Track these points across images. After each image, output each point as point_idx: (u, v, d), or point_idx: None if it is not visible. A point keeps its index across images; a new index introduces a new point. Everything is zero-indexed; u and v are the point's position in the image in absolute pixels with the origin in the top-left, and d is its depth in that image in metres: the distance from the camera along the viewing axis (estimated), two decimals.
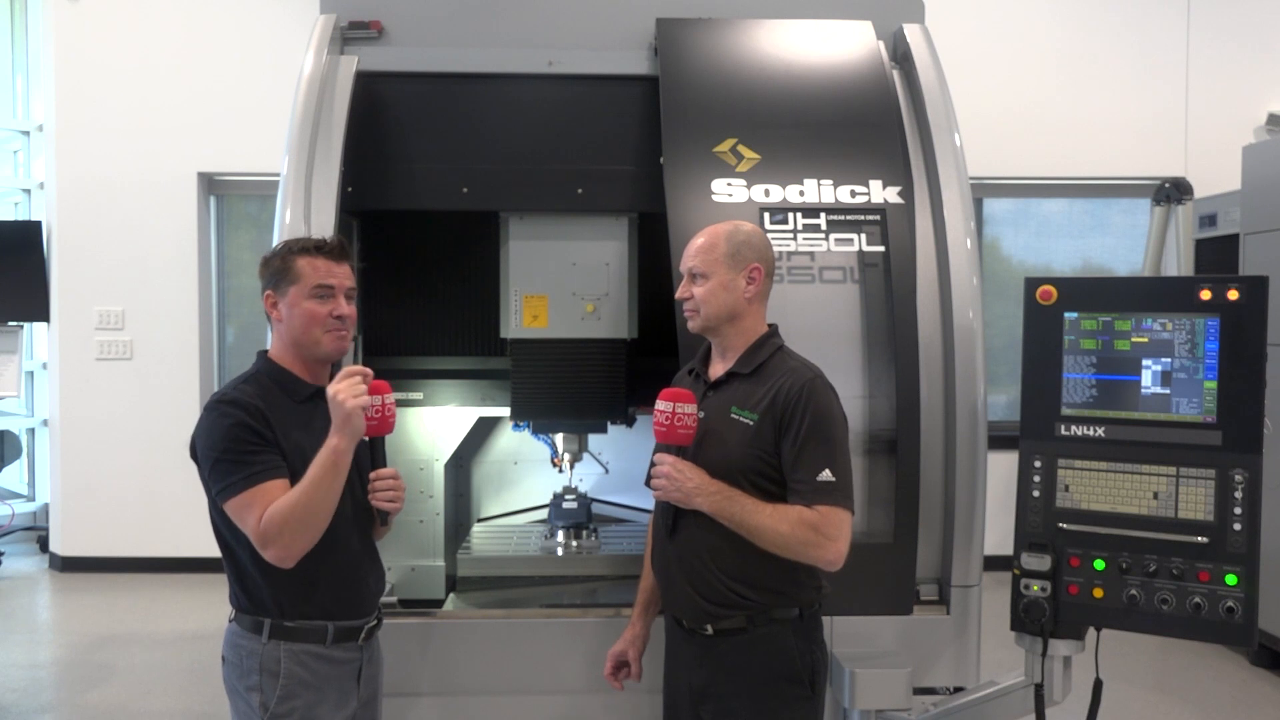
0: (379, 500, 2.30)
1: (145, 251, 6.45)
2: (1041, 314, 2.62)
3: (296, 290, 2.24)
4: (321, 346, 2.27)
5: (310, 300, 2.24)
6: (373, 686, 2.37)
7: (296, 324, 2.25)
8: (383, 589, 2.43)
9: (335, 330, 2.27)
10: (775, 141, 3.00)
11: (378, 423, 2.24)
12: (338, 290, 2.27)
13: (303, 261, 2.26)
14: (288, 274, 2.25)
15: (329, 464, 2.10)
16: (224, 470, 2.11)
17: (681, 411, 2.26)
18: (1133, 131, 6.54)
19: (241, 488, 2.10)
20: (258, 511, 2.08)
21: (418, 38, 3.27)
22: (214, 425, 2.15)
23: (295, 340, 2.27)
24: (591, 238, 3.19)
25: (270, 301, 2.28)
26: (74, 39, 6.45)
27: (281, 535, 2.07)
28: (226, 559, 2.24)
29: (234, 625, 2.25)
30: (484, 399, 3.35)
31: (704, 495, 2.23)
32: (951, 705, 2.80)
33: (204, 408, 2.20)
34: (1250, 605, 2.35)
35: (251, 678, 2.18)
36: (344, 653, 2.26)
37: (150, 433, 6.44)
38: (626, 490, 3.83)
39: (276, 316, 2.28)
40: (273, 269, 2.28)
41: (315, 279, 2.25)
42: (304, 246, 2.29)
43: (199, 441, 2.18)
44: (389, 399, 2.27)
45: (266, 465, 2.13)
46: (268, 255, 2.32)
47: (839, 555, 2.21)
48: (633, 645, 2.54)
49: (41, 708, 4.40)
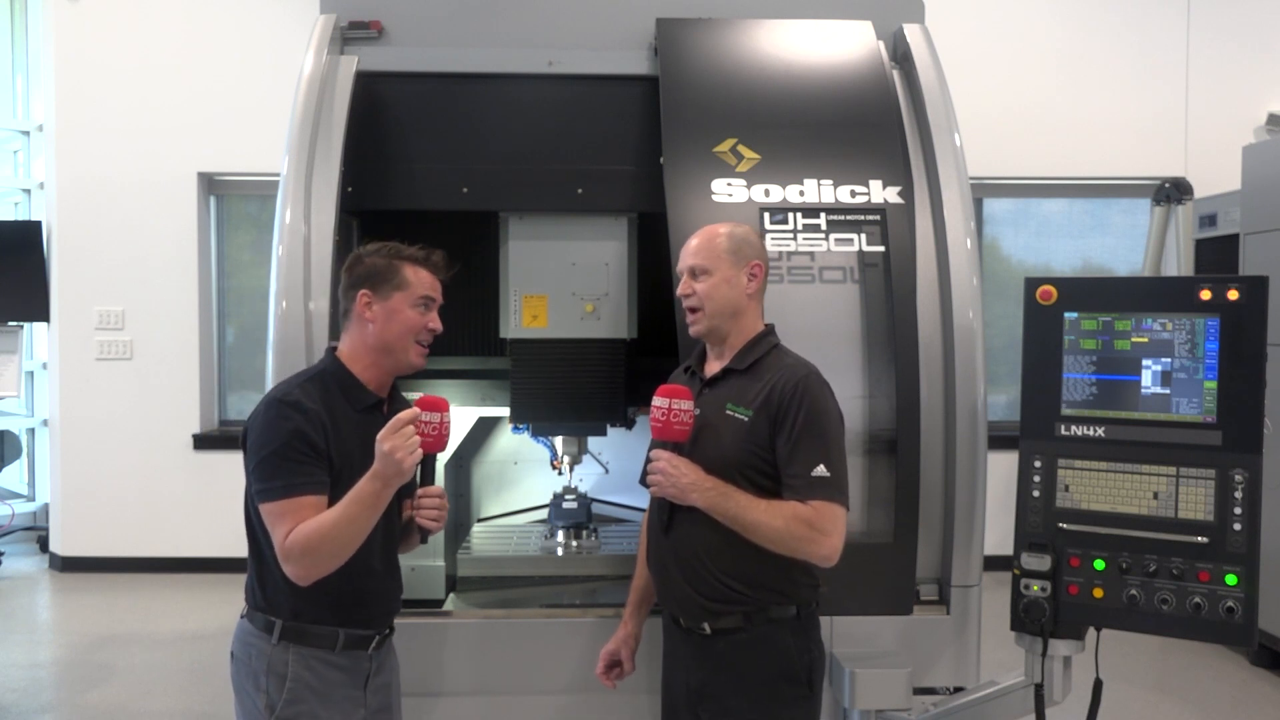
0: (423, 518, 2.25)
1: (145, 251, 6.46)
2: (1041, 314, 2.62)
3: (401, 296, 2.23)
4: (409, 357, 2.27)
5: (413, 309, 2.24)
6: (384, 695, 2.34)
7: (393, 329, 2.23)
8: (400, 604, 2.39)
9: (425, 343, 2.29)
10: (775, 141, 3.00)
11: (433, 440, 2.17)
12: (436, 304, 2.29)
13: (411, 269, 2.26)
14: (393, 278, 2.24)
15: (367, 505, 2.06)
16: (268, 472, 2.09)
17: (678, 408, 2.27)
18: (1133, 131, 6.54)
19: (280, 495, 2.08)
20: (288, 525, 2.06)
21: (418, 38, 3.27)
22: (272, 424, 2.11)
23: (384, 344, 2.24)
24: (591, 238, 3.19)
25: (365, 301, 2.23)
26: (74, 39, 6.45)
27: (305, 557, 2.06)
28: (252, 553, 2.22)
29: (245, 622, 2.23)
30: (484, 399, 3.35)
31: (699, 491, 2.24)
32: (951, 705, 2.80)
33: (264, 401, 2.17)
34: (1250, 605, 2.35)
35: (259, 678, 2.17)
36: (352, 660, 2.24)
37: (150, 433, 6.45)
38: (626, 490, 3.83)
39: (369, 317, 2.24)
40: (374, 269, 2.25)
41: (422, 289, 2.26)
42: (412, 255, 2.28)
43: (252, 434, 2.15)
44: (446, 417, 2.20)
45: (309, 479, 2.10)
46: (365, 253, 2.29)
47: (834, 550, 2.21)
48: (625, 644, 2.54)
49: (41, 708, 4.40)
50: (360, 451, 2.13)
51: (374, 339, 2.25)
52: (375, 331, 2.24)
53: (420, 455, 2.08)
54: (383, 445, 2.03)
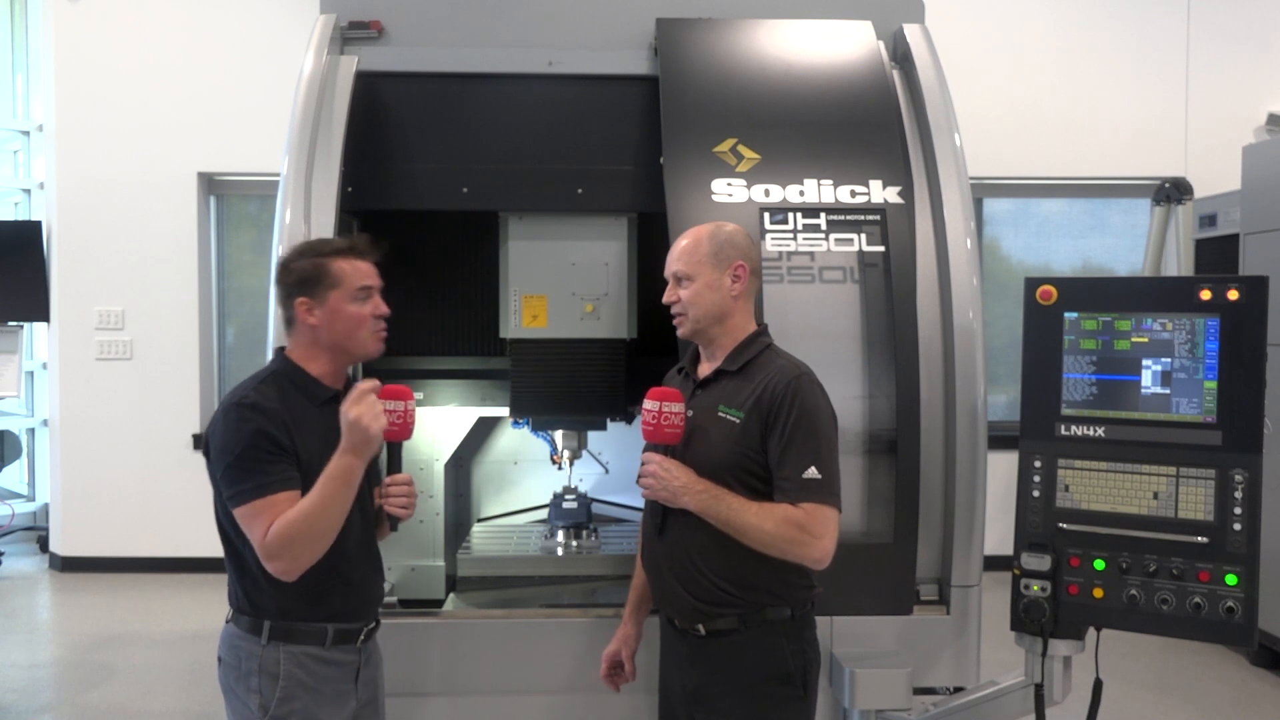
0: (392, 505, 2.28)
1: (145, 251, 6.46)
2: (1041, 314, 2.62)
3: (338, 294, 2.20)
4: (367, 348, 2.26)
5: (354, 303, 2.22)
6: (372, 689, 2.36)
7: (340, 328, 2.21)
8: (383, 593, 2.42)
9: (379, 330, 2.27)
10: (775, 141, 3.00)
11: (398, 429, 2.21)
12: (375, 290, 2.27)
13: (340, 264, 2.22)
14: (325, 278, 2.20)
15: (341, 481, 2.07)
16: (237, 476, 2.08)
17: (669, 410, 2.26)
18: (1133, 131, 6.54)
19: (253, 496, 2.07)
20: (265, 523, 2.06)
21: (418, 38, 3.27)
22: (233, 428, 2.10)
23: (336, 344, 2.23)
24: (591, 238, 3.18)
25: (305, 308, 2.20)
26: (74, 39, 6.45)
27: (288, 550, 2.05)
28: (230, 559, 2.23)
29: (232, 626, 2.24)
30: (484, 399, 3.35)
31: (690, 494, 2.23)
32: (951, 705, 2.80)
33: (222, 407, 2.15)
34: (1250, 605, 2.35)
35: (251, 679, 2.17)
36: (342, 655, 2.25)
37: (150, 433, 6.45)
38: (626, 490, 3.82)
39: (313, 322, 2.21)
40: (304, 274, 2.21)
41: (357, 281, 2.22)
42: (336, 249, 2.25)
43: (214, 442, 2.13)
44: (411, 404, 2.24)
45: (280, 476, 2.10)
46: (290, 260, 2.25)
47: (825, 553, 2.20)
48: (625, 645, 2.55)
49: (41, 708, 4.40)
50: (322, 445, 2.13)
51: (325, 340, 2.23)
52: (324, 334, 2.22)
53: (385, 422, 2.10)
54: (349, 415, 2.06)
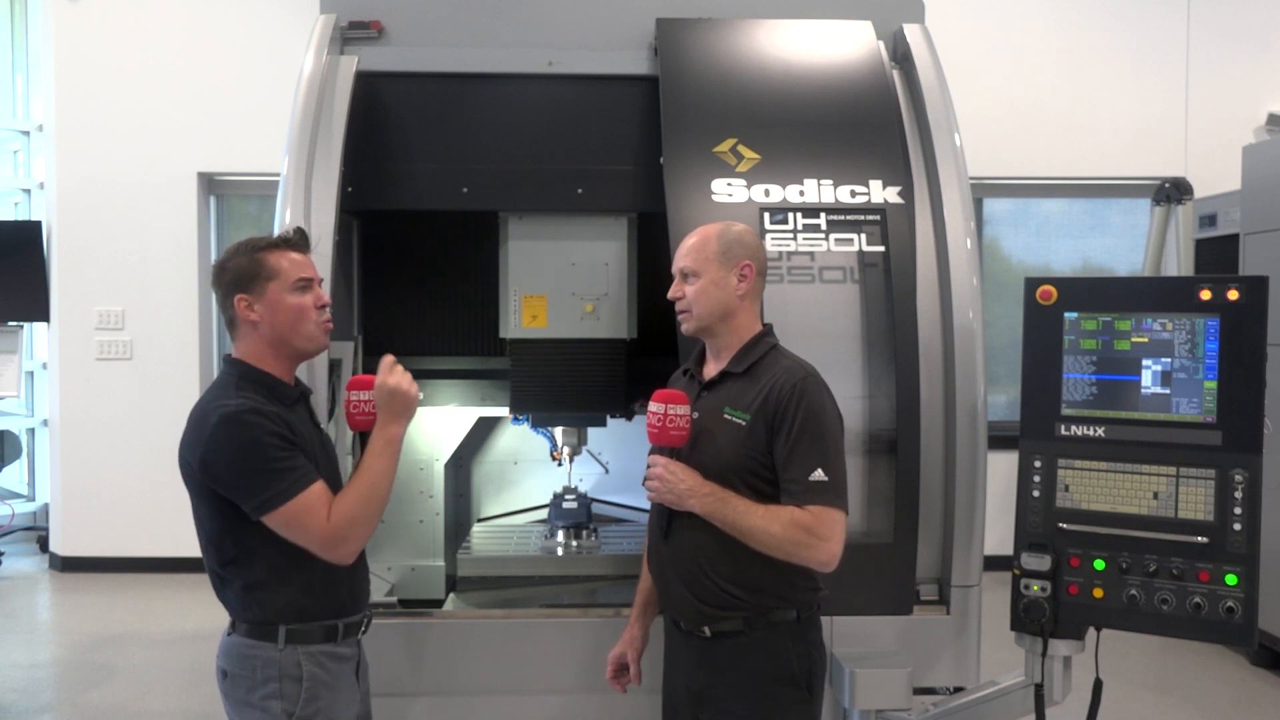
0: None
1: (145, 251, 6.45)
2: (1041, 314, 2.62)
3: (277, 286, 2.18)
4: (314, 340, 2.24)
5: (294, 295, 2.19)
6: (366, 681, 2.39)
7: (284, 321, 2.18)
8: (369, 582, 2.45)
9: (324, 321, 2.25)
10: (775, 141, 3.00)
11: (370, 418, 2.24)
12: (315, 281, 2.25)
13: (275, 257, 2.20)
14: (261, 272, 2.18)
15: (392, 453, 2.17)
16: (265, 481, 2.04)
17: (674, 413, 2.25)
18: (1133, 131, 6.54)
19: (291, 495, 2.04)
20: (320, 513, 2.05)
21: (418, 38, 3.27)
22: (239, 438, 2.04)
23: (281, 338, 2.20)
24: (591, 238, 3.19)
25: (244, 304, 2.17)
26: (74, 39, 6.45)
27: (355, 529, 2.10)
28: (234, 574, 2.15)
29: (238, 638, 2.18)
30: (484, 399, 3.35)
31: (696, 497, 2.22)
32: (951, 705, 2.80)
33: (211, 424, 2.05)
34: (1250, 605, 2.35)
35: (269, 686, 2.13)
36: (348, 649, 2.27)
37: (150, 433, 6.43)
38: (626, 490, 3.83)
39: (254, 318, 2.18)
40: (240, 271, 2.18)
41: (295, 273, 2.20)
42: (270, 243, 2.23)
43: (220, 457, 2.05)
44: None
45: (306, 469, 2.08)
46: (225, 260, 2.21)
47: (832, 556, 2.19)
48: (631, 647, 2.54)
49: (41, 708, 4.40)
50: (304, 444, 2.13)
51: (269, 335, 2.20)
52: (267, 329, 2.19)
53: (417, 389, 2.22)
54: (388, 383, 2.20)
